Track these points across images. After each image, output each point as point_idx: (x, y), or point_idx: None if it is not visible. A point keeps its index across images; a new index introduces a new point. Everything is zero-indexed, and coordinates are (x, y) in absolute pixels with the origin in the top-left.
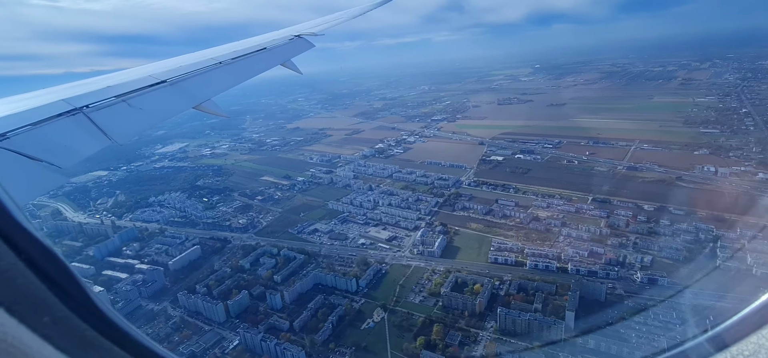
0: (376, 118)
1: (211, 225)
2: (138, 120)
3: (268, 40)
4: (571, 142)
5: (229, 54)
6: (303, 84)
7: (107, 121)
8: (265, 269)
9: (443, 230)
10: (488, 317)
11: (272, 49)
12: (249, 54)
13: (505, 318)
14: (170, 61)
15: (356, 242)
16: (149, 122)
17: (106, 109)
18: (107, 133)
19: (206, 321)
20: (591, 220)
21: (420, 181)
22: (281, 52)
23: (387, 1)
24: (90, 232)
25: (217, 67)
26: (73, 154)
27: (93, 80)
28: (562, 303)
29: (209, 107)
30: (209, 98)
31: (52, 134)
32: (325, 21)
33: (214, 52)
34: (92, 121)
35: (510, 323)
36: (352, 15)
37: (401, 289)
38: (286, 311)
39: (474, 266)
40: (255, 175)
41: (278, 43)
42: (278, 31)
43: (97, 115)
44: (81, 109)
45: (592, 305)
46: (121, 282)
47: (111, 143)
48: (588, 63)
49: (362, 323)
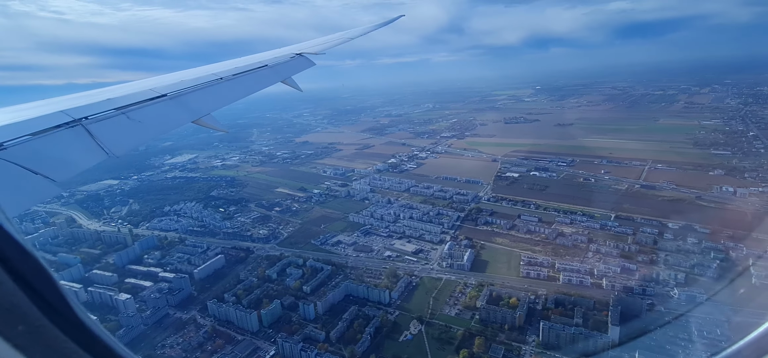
0: (384, 134)
1: (231, 235)
2: (137, 133)
3: (269, 58)
4: (583, 160)
5: (231, 70)
6: (306, 100)
7: (106, 133)
8: (293, 279)
9: (469, 244)
10: (528, 330)
11: (273, 66)
12: (250, 70)
13: (549, 332)
14: (172, 75)
15: (382, 254)
16: (148, 135)
17: (106, 121)
18: (104, 146)
19: (238, 330)
20: (617, 237)
21: (438, 195)
22: (282, 70)
23: (387, 23)
24: (108, 240)
25: (218, 82)
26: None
27: (94, 92)
28: (603, 318)
29: (208, 122)
30: (209, 113)
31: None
32: (326, 40)
33: (215, 67)
34: (90, 134)
35: (553, 336)
36: (353, 36)
37: (435, 301)
38: (319, 321)
39: (506, 280)
40: (269, 187)
41: (280, 61)
42: (280, 49)
43: (96, 128)
44: (80, 121)
45: (633, 320)
46: (147, 290)
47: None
48: (588, 86)
49: (400, 335)
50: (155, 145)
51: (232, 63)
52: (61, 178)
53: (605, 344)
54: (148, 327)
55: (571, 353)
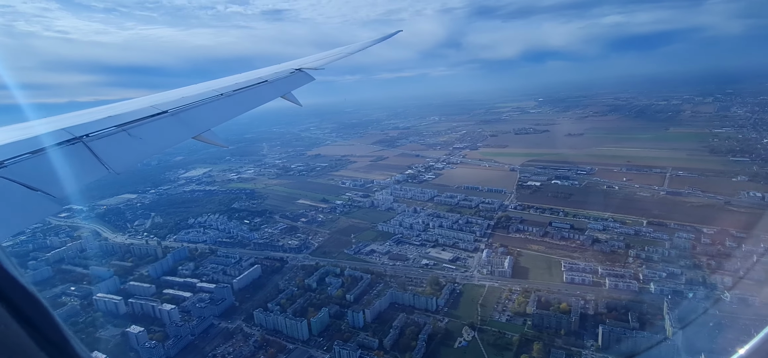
0: (395, 146)
1: (262, 246)
2: (137, 150)
3: (269, 73)
4: (602, 169)
5: (231, 86)
6: (312, 114)
7: (106, 150)
8: (334, 288)
9: (505, 251)
10: (584, 335)
11: (273, 81)
12: (250, 86)
13: (609, 336)
14: (173, 92)
15: (419, 262)
16: (149, 152)
17: (106, 138)
18: (105, 163)
19: (288, 339)
20: (655, 242)
21: (463, 204)
22: (282, 85)
23: (385, 38)
24: (137, 252)
25: (218, 98)
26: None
27: (96, 110)
28: (659, 321)
29: (209, 137)
30: (209, 128)
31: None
32: (325, 56)
33: (216, 84)
34: (91, 151)
35: (613, 340)
36: (352, 51)
37: (482, 308)
38: (369, 329)
39: (551, 286)
40: (290, 199)
41: (279, 76)
42: (280, 65)
43: (97, 145)
44: (81, 139)
45: (690, 322)
46: (188, 300)
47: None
48: (590, 97)
49: (454, 341)
50: (167, 160)
51: (232, 79)
52: (61, 195)
53: (670, 348)
54: (196, 337)
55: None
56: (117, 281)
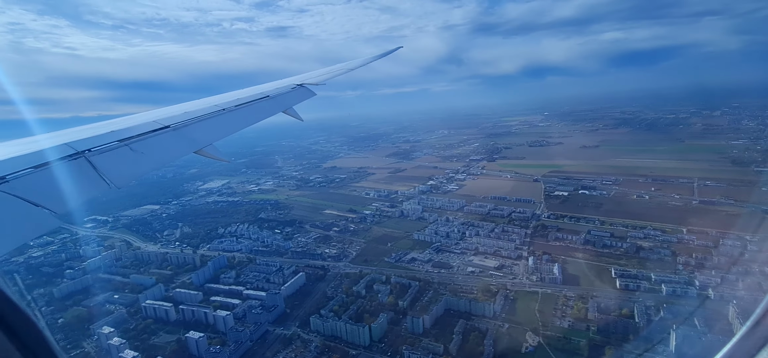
0: (411, 159)
1: (299, 254)
2: (138, 164)
3: (271, 89)
4: (626, 179)
5: (233, 101)
6: (319, 128)
7: (108, 165)
8: (384, 295)
9: (549, 258)
10: (653, 340)
11: (275, 97)
12: (252, 101)
13: (682, 340)
14: (175, 107)
15: (464, 270)
16: (150, 166)
17: (108, 153)
18: (106, 178)
19: (349, 345)
20: (701, 249)
21: (494, 213)
22: (283, 100)
23: (386, 54)
24: (174, 260)
25: (220, 113)
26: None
27: (99, 125)
28: (727, 326)
29: (210, 152)
30: (210, 143)
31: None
32: (327, 72)
33: (218, 99)
34: (93, 166)
35: (687, 344)
36: (353, 67)
37: (541, 314)
38: (429, 335)
39: (606, 292)
40: (316, 209)
41: (281, 91)
42: (281, 80)
43: (98, 159)
44: (83, 153)
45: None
46: (238, 307)
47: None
48: (595, 111)
49: (519, 346)
50: (183, 172)
51: (234, 94)
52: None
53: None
54: (254, 343)
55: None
56: (161, 289)
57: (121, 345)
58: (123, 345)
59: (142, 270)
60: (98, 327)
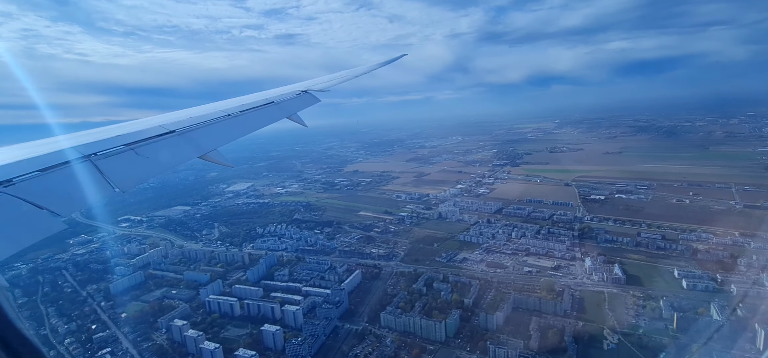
0: (432, 163)
1: (347, 253)
2: (143, 168)
3: (275, 95)
4: (661, 184)
5: (238, 107)
6: (328, 134)
7: (113, 169)
8: (446, 293)
9: (605, 259)
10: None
11: (280, 102)
12: (257, 107)
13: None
14: (181, 112)
15: (520, 269)
16: (155, 170)
17: (114, 157)
18: (111, 182)
19: (425, 340)
20: (759, 251)
21: (535, 216)
22: (288, 106)
23: (391, 62)
24: (223, 258)
25: (225, 118)
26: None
27: (105, 129)
28: None
29: (215, 157)
30: (215, 148)
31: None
32: (331, 78)
33: (223, 104)
34: (98, 169)
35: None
36: (357, 73)
37: (613, 312)
38: (504, 332)
39: (674, 292)
40: (350, 211)
41: (285, 97)
42: (286, 87)
43: (104, 163)
44: (89, 157)
45: None
46: (302, 303)
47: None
48: (609, 119)
49: (600, 343)
50: (203, 176)
51: (239, 100)
52: (67, 213)
53: None
54: (327, 338)
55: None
56: (220, 285)
57: (199, 337)
58: (200, 337)
59: (192, 267)
60: (166, 321)
